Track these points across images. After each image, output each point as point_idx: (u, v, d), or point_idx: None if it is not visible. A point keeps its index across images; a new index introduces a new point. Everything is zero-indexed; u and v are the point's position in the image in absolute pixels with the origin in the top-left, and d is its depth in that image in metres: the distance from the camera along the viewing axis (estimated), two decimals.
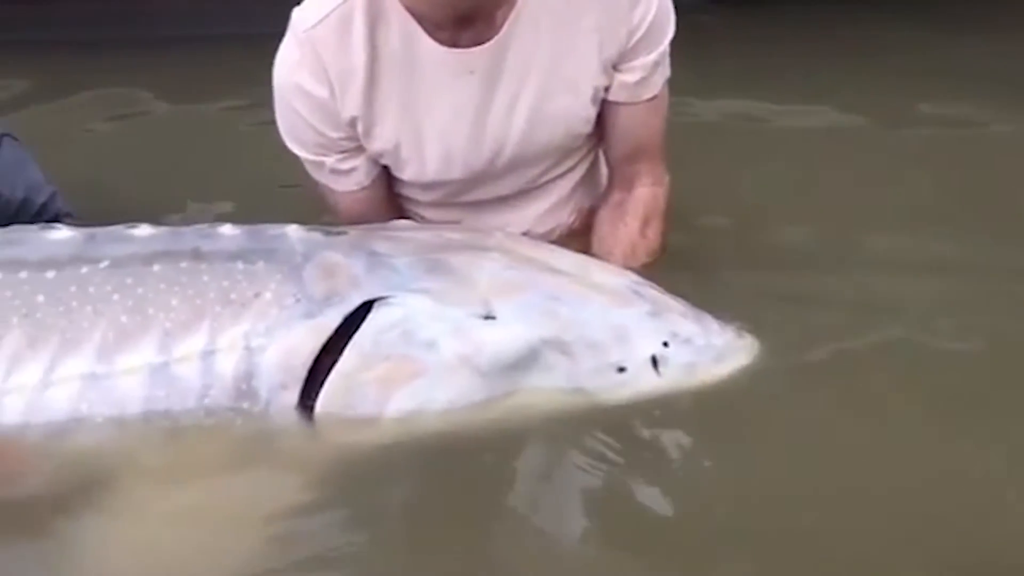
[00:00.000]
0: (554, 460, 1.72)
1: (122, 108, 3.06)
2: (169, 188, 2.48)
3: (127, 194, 2.41)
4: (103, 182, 2.41)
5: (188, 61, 3.15)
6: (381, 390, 1.69)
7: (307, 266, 1.74)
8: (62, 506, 1.60)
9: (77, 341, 1.65)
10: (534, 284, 1.77)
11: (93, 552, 1.55)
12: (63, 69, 3.17)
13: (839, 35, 3.56)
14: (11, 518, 1.60)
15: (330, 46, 1.85)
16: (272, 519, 1.61)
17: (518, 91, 1.93)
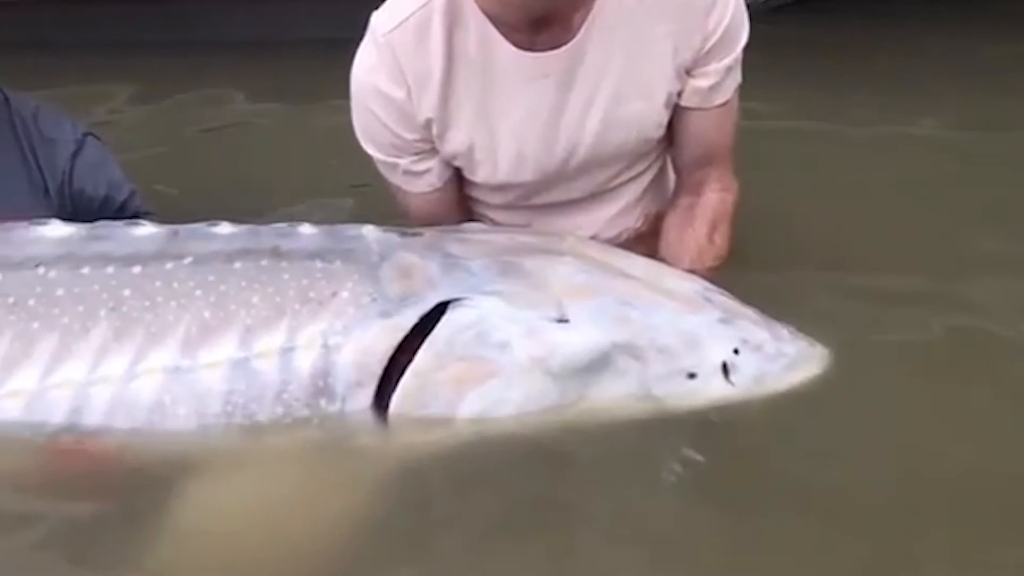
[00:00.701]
0: (623, 463, 1.73)
1: (200, 109, 3.14)
2: (244, 186, 2.53)
3: (203, 192, 2.46)
4: (179, 180, 2.47)
5: (265, 64, 3.21)
6: (454, 390, 1.71)
7: (383, 266, 1.77)
8: (145, 496, 1.65)
9: (162, 335, 1.69)
10: (607, 288, 1.78)
11: (173, 542, 1.59)
12: (145, 70, 3.25)
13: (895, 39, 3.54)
14: (96, 507, 1.65)
15: (408, 49, 1.88)
16: (344, 515, 1.64)
17: (592, 95, 1.94)
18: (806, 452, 1.71)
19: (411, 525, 1.66)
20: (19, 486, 1.67)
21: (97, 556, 1.60)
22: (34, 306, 1.70)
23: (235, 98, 3.21)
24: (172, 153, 2.72)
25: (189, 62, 3.26)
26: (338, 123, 2.14)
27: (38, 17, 3.33)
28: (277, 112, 3.13)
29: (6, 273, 1.73)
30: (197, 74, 3.26)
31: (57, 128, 2.17)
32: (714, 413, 1.77)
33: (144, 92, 3.18)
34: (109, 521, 1.64)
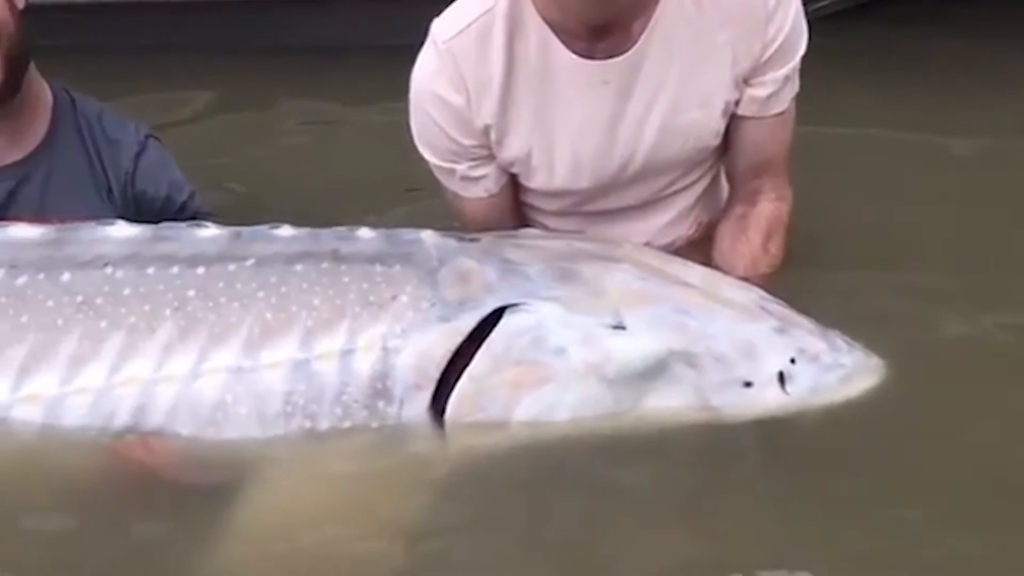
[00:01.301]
0: (677, 469, 1.74)
1: (254, 114, 3.19)
2: (299, 189, 2.57)
3: (260, 194, 2.50)
4: (238, 182, 2.51)
5: (320, 69, 3.25)
6: (510, 394, 1.73)
7: (442, 271, 1.79)
8: (206, 494, 1.68)
9: (225, 335, 1.72)
10: (664, 296, 1.79)
11: (233, 540, 1.62)
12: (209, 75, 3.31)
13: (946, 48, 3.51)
14: (158, 504, 1.68)
15: (469, 56, 1.90)
16: (400, 515, 1.67)
17: (650, 103, 1.95)
18: (864, 460, 1.71)
19: (466, 526, 1.67)
20: (83, 482, 1.71)
21: (159, 553, 1.63)
22: (101, 305, 1.74)
23: (290, 104, 3.25)
24: (232, 156, 2.76)
25: (247, 68, 3.31)
26: (393, 127, 2.16)
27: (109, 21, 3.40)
28: (332, 116, 3.17)
29: (74, 272, 1.77)
30: (253, 79, 3.31)
31: (121, 130, 2.22)
32: (770, 422, 1.77)
33: (208, 97, 3.24)
34: (171, 518, 1.68)
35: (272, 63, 3.25)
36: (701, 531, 1.64)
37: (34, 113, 2.13)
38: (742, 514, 1.66)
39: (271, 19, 3.42)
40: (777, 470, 1.74)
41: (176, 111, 2.99)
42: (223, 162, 2.55)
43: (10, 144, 2.12)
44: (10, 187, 2.11)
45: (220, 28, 3.42)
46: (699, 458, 1.75)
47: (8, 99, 2.04)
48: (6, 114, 2.07)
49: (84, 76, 2.34)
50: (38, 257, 1.80)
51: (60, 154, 2.15)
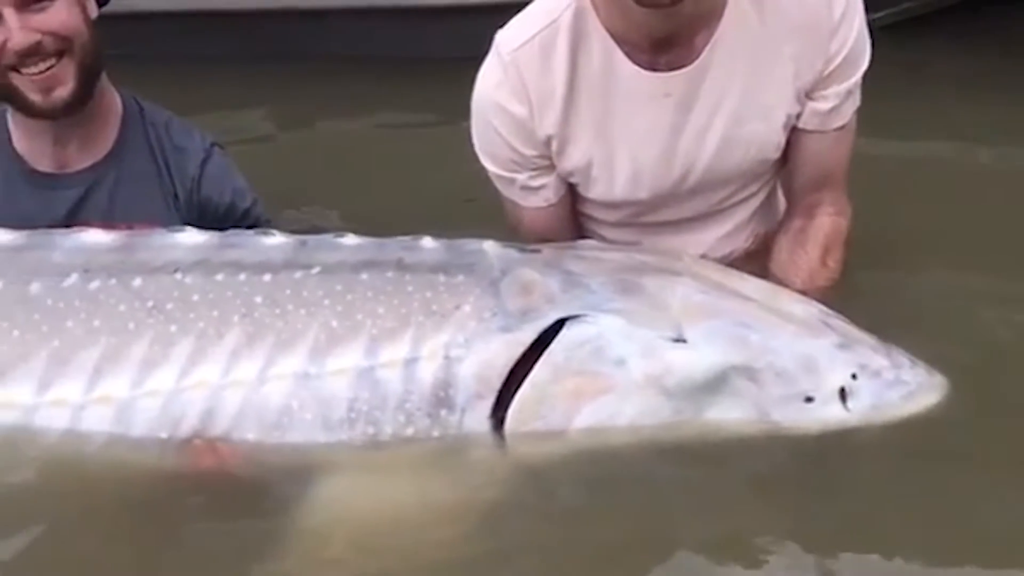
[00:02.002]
0: (736, 483, 1.74)
1: (314, 122, 3.23)
2: (357, 197, 2.60)
3: (319, 201, 2.53)
4: (298, 189, 2.55)
5: (379, 79, 3.28)
6: (570, 403, 1.74)
7: (504, 281, 1.81)
8: (271, 496, 1.71)
9: (291, 342, 1.75)
10: (725, 310, 1.79)
11: (296, 542, 1.64)
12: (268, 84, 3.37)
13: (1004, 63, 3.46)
14: (225, 505, 1.72)
15: (533, 67, 1.92)
16: (461, 519, 1.68)
17: (712, 115, 1.96)
18: (927, 479, 1.70)
19: (523, 531, 1.69)
20: (153, 482, 1.74)
21: (222, 555, 1.66)
22: (171, 310, 1.78)
23: (349, 114, 3.29)
24: (292, 165, 2.80)
25: (308, 78, 3.36)
26: (452, 137, 2.19)
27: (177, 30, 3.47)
28: (390, 125, 3.20)
29: (145, 277, 1.81)
30: (313, 90, 3.36)
31: (187, 138, 2.25)
32: (830, 438, 1.77)
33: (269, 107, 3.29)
34: (235, 520, 1.72)
35: (332, 74, 3.30)
36: (756, 545, 1.63)
37: (105, 120, 2.17)
38: (796, 531, 1.65)
39: (332, 30, 3.46)
40: (835, 488, 1.73)
41: (238, 120, 3.04)
42: (284, 170, 2.59)
43: (81, 151, 2.16)
44: (80, 192, 2.16)
45: (283, 38, 3.47)
46: (758, 472, 1.75)
47: (80, 107, 2.09)
48: (78, 121, 2.12)
49: (151, 85, 2.38)
50: (110, 262, 1.84)
51: (129, 161, 2.19)
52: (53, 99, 2.04)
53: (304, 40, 3.46)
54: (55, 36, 2.01)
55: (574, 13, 1.89)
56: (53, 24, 2.00)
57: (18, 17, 1.98)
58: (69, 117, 2.09)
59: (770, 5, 1.89)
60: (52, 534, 1.72)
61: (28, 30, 1.99)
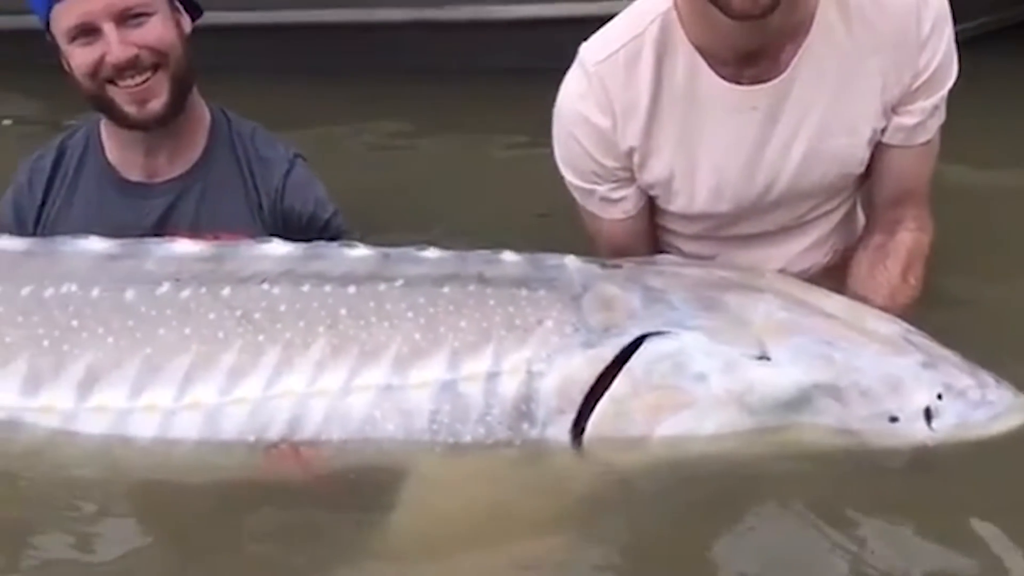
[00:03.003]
0: (818, 501, 1.73)
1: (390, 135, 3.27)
2: (432, 210, 2.63)
3: (396, 214, 2.56)
4: (374, 202, 2.58)
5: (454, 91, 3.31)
6: (649, 417, 1.75)
7: (585, 296, 1.82)
8: (353, 503, 1.75)
9: (375, 353, 1.78)
10: (809, 328, 1.79)
11: (377, 551, 1.68)
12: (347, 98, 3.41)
13: None
14: (308, 511, 1.75)
15: (618, 80, 1.93)
16: (540, 532, 1.70)
17: (797, 129, 1.95)
18: (1011, 500, 1.68)
19: (601, 543, 1.70)
20: (238, 487, 1.78)
21: (305, 558, 1.69)
22: (259, 319, 1.82)
23: (424, 127, 3.32)
24: (368, 176, 2.84)
25: (380, 89, 3.40)
26: (526, 151, 2.21)
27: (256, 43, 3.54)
28: (464, 138, 3.23)
29: (234, 287, 1.85)
30: (390, 102, 3.39)
31: (271, 149, 2.29)
32: (913, 459, 1.75)
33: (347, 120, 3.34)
34: (318, 524, 1.75)
35: (406, 88, 3.33)
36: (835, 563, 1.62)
37: (194, 132, 2.23)
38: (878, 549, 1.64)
39: (405, 43, 3.49)
40: (918, 508, 1.72)
41: (318, 132, 3.08)
42: (360, 182, 2.62)
43: (170, 161, 2.22)
44: (169, 201, 2.21)
45: (359, 52, 3.51)
46: (840, 491, 1.74)
47: (172, 119, 2.14)
48: (168, 132, 2.17)
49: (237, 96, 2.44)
50: (200, 271, 1.89)
51: (215, 171, 2.24)
52: (147, 111, 2.10)
53: (378, 53, 3.48)
54: (151, 50, 2.06)
55: (660, 26, 1.90)
56: (149, 39, 2.06)
57: (117, 32, 2.04)
58: (161, 128, 2.14)
59: (858, 18, 1.88)
60: (142, 537, 1.78)
61: (126, 44, 2.04)
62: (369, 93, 3.35)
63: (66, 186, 2.25)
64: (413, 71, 3.39)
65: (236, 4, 3.23)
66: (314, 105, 3.28)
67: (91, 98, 2.12)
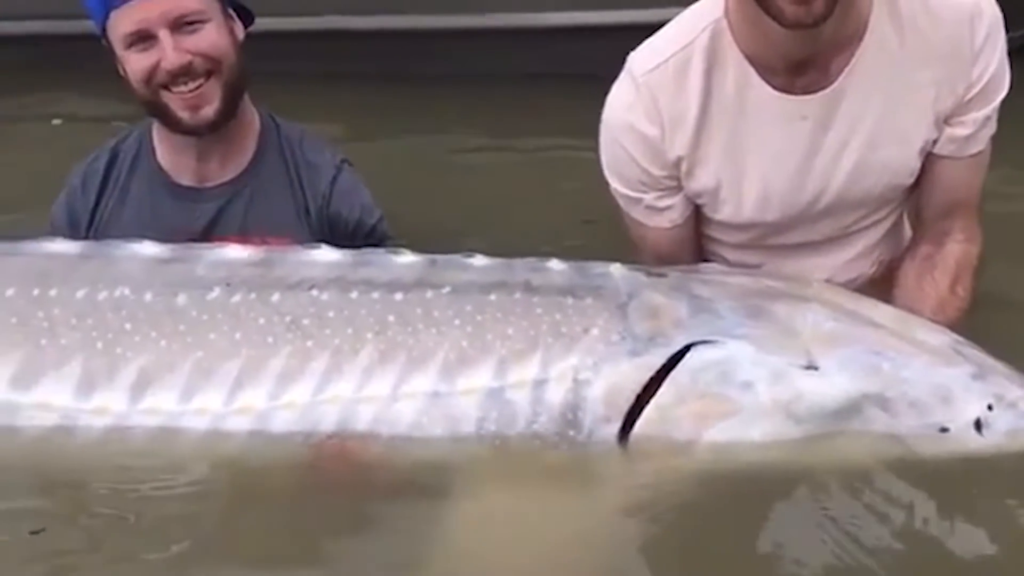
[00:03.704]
0: (866, 512, 1.71)
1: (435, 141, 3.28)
2: (478, 217, 2.64)
3: (441, 220, 2.58)
4: (420, 208, 2.60)
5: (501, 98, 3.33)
6: (694, 425, 1.75)
7: (631, 305, 1.82)
8: (399, 508, 1.76)
9: (423, 360, 1.79)
10: (857, 338, 1.78)
11: (423, 553, 1.68)
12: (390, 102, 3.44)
13: None
14: (357, 514, 1.77)
15: (667, 89, 1.93)
16: (585, 538, 1.70)
17: (847, 139, 1.94)
18: None
19: (647, 548, 1.70)
20: (288, 490, 1.80)
21: (350, 562, 1.71)
22: (308, 325, 1.83)
23: (469, 133, 3.34)
24: (413, 183, 2.86)
25: (424, 95, 3.43)
26: (572, 158, 2.20)
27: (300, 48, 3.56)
28: (511, 145, 3.24)
29: (283, 293, 1.87)
30: (437, 108, 3.41)
31: (319, 154, 2.32)
32: (963, 469, 1.74)
33: (391, 124, 3.35)
34: (364, 528, 1.76)
35: (451, 94, 3.34)
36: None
37: (244, 137, 2.25)
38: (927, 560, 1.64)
39: (452, 50, 3.51)
40: (968, 518, 1.70)
41: (362, 136, 3.10)
42: (404, 188, 2.64)
43: (221, 165, 2.25)
44: (219, 205, 2.24)
45: (406, 56, 3.54)
46: (889, 501, 1.72)
47: (224, 124, 2.17)
48: (220, 137, 2.20)
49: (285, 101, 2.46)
50: (250, 277, 1.91)
51: (264, 176, 2.27)
52: (200, 117, 2.13)
53: (424, 60, 3.51)
54: (205, 57, 2.10)
55: (711, 35, 1.90)
56: (203, 46, 2.09)
57: (172, 39, 2.07)
58: (213, 134, 2.17)
59: (911, 29, 1.87)
60: (190, 535, 1.79)
61: (181, 51, 2.08)
62: (413, 99, 3.37)
63: (118, 189, 2.29)
64: (458, 77, 3.41)
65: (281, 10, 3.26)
66: (359, 110, 3.31)
67: (145, 103, 2.16)
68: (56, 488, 1.83)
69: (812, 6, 1.72)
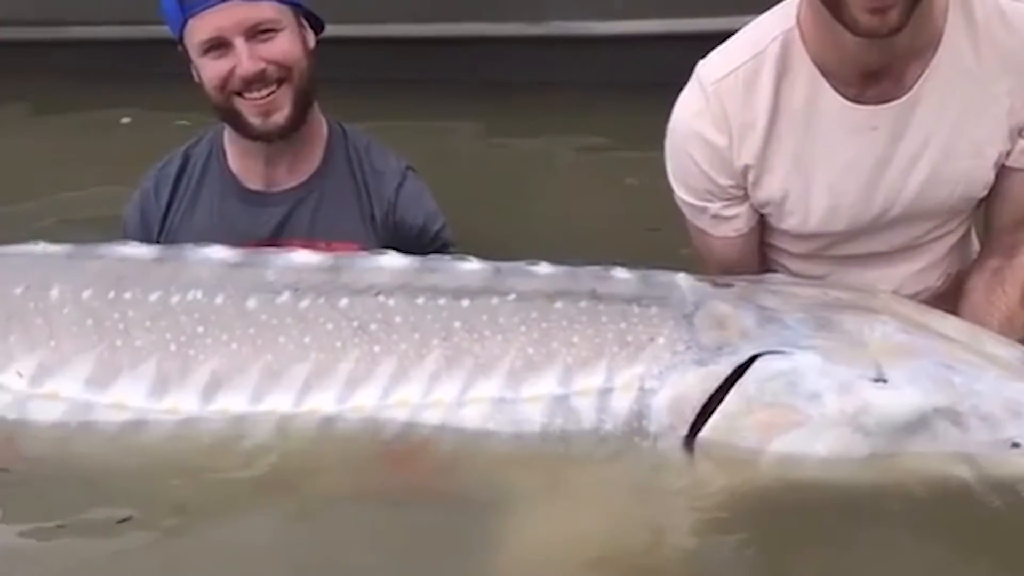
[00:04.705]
0: (934, 527, 1.71)
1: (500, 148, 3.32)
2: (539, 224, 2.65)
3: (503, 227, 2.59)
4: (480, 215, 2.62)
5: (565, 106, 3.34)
6: (761, 435, 1.74)
7: (698, 314, 1.82)
8: (464, 513, 1.77)
9: (489, 366, 1.81)
10: (927, 350, 1.76)
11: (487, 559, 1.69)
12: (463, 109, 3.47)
13: None
14: (423, 517, 1.78)
15: (736, 99, 1.92)
16: (649, 547, 1.70)
17: (920, 150, 1.92)
18: None
19: (711, 557, 1.70)
20: (358, 492, 1.82)
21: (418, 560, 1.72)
22: (375, 331, 1.86)
23: (533, 138, 3.36)
24: (479, 190, 2.89)
25: (488, 102, 3.45)
26: (635, 167, 2.20)
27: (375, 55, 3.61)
28: (573, 152, 3.26)
29: (351, 298, 1.90)
30: (496, 115, 3.44)
31: (385, 161, 2.35)
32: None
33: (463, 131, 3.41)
34: (429, 533, 1.76)
35: (515, 101, 3.36)
36: None
37: (312, 143, 2.29)
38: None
39: (515, 57, 3.53)
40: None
41: (426, 143, 3.12)
42: (467, 195, 2.66)
43: (289, 171, 2.29)
44: (286, 210, 2.29)
45: (480, 63, 3.56)
46: (956, 517, 1.70)
47: (294, 131, 2.21)
48: (289, 143, 2.24)
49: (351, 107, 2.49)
50: (318, 282, 1.93)
51: (331, 182, 2.31)
52: (271, 123, 2.17)
53: (487, 67, 3.53)
54: (278, 65, 2.14)
55: (781, 44, 1.89)
56: (277, 54, 2.14)
57: (247, 46, 2.12)
58: (282, 140, 2.22)
59: (986, 39, 1.85)
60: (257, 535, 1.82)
61: (255, 59, 2.12)
62: (480, 105, 3.39)
63: (189, 193, 2.35)
64: (523, 85, 3.43)
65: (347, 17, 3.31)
66: (424, 116, 3.33)
67: (218, 108, 2.21)
68: (131, 482, 1.85)
69: (887, 16, 1.70)
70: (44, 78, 3.83)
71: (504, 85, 3.45)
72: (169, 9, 2.16)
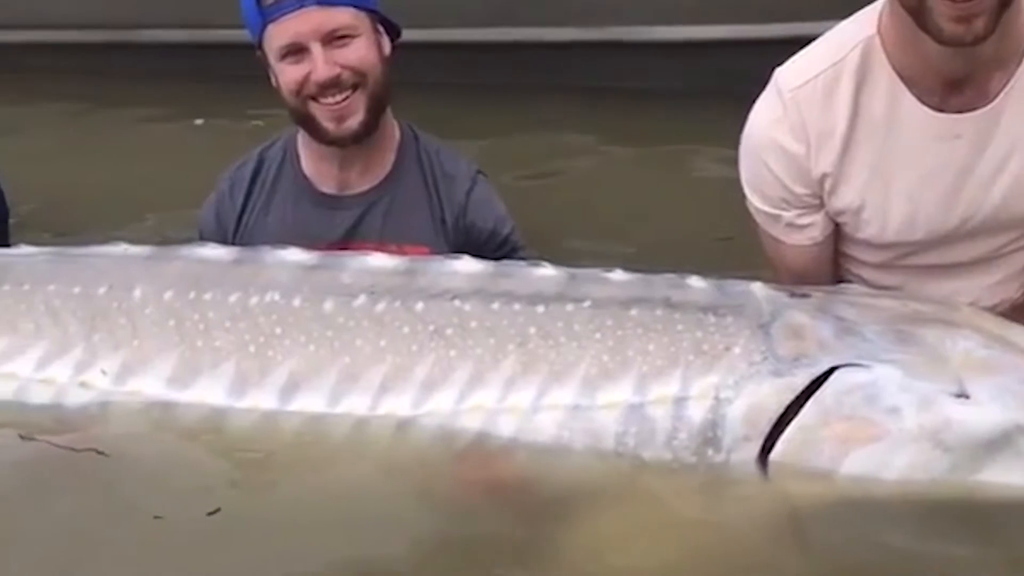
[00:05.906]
0: (1012, 549, 1.68)
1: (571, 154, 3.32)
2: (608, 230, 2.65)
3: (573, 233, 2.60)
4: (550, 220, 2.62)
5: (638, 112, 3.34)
6: (838, 448, 1.73)
7: (774, 325, 1.81)
8: (538, 519, 1.77)
9: (564, 373, 1.81)
10: (1010, 366, 1.73)
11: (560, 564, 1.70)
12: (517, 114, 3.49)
13: None
14: (497, 524, 1.79)
15: (814, 106, 1.91)
16: (720, 557, 1.69)
17: (1005, 160, 1.89)
18: None
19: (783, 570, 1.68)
20: (428, 496, 1.84)
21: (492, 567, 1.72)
22: (451, 335, 1.87)
23: (606, 146, 3.36)
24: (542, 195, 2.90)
25: (564, 107, 3.46)
26: (706, 175, 2.19)
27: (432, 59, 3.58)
28: (643, 159, 3.26)
29: (427, 302, 1.91)
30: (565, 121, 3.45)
31: (455, 165, 2.37)
32: None
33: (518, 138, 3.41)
34: (502, 538, 1.77)
35: (584, 107, 3.37)
36: None
37: (384, 147, 2.31)
38: None
39: (580, 62, 3.54)
40: None
41: (498, 148, 3.14)
42: (535, 200, 2.67)
43: (362, 175, 2.31)
44: (359, 213, 2.31)
45: (539, 68, 3.57)
46: None
47: (367, 136, 2.23)
48: (362, 147, 2.26)
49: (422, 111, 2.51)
50: (394, 286, 1.95)
51: (403, 185, 2.32)
52: (344, 128, 2.19)
53: (551, 72, 3.54)
54: (353, 70, 2.16)
55: (862, 53, 1.87)
56: (352, 59, 2.16)
57: (324, 52, 2.14)
58: (356, 144, 2.24)
59: None
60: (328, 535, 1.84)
61: (331, 64, 2.15)
62: (549, 111, 3.40)
63: (264, 195, 2.38)
64: (588, 90, 3.43)
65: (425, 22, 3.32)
66: (495, 122, 3.35)
67: (293, 112, 2.24)
68: (213, 478, 1.88)
69: (972, 24, 1.68)
70: (119, 81, 3.91)
71: (575, 90, 3.46)
72: (249, 15, 2.19)
